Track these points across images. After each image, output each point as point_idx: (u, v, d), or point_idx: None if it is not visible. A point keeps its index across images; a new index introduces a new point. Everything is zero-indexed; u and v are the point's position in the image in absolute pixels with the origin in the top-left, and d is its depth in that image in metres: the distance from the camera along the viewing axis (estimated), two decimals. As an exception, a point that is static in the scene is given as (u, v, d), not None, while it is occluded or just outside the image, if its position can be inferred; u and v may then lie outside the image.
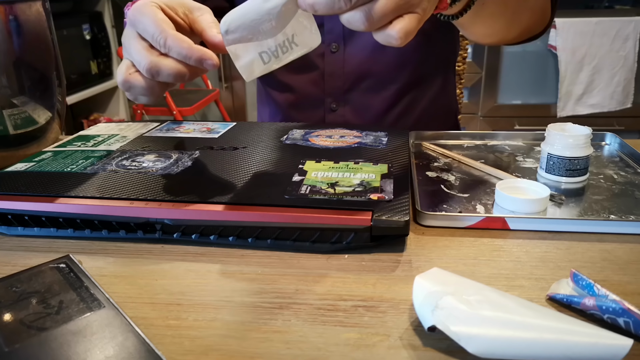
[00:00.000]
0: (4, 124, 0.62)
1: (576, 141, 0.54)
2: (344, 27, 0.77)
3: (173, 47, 0.46)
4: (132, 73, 0.48)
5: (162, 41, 0.46)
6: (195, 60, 0.46)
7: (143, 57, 0.47)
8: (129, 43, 0.49)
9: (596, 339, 0.29)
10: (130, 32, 0.49)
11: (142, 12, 0.48)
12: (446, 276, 0.35)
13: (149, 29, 0.47)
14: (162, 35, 0.46)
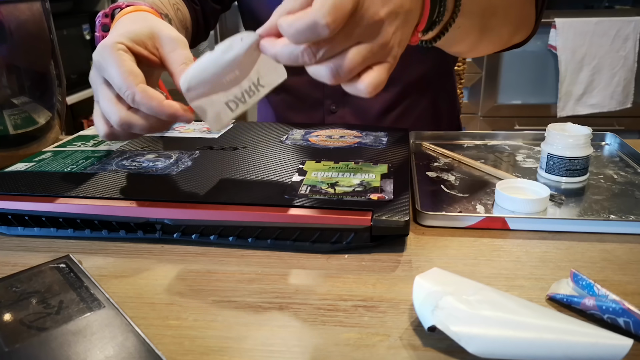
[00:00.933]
0: (4, 124, 0.62)
1: (576, 141, 0.54)
2: None
3: (142, 104, 0.44)
4: (112, 126, 0.46)
5: (130, 97, 0.44)
6: (167, 117, 0.44)
7: (113, 111, 0.45)
8: (97, 89, 0.47)
9: (596, 339, 0.29)
10: (97, 76, 0.47)
11: (107, 58, 0.45)
12: (446, 276, 0.35)
13: (116, 80, 0.44)
14: (129, 90, 0.44)
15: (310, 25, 0.36)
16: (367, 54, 0.39)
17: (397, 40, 0.40)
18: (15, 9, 0.61)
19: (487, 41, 0.58)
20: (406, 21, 0.41)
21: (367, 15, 0.38)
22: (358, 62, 0.38)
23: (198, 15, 0.78)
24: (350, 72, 0.38)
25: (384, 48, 0.39)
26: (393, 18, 0.40)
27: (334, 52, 0.38)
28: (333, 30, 0.36)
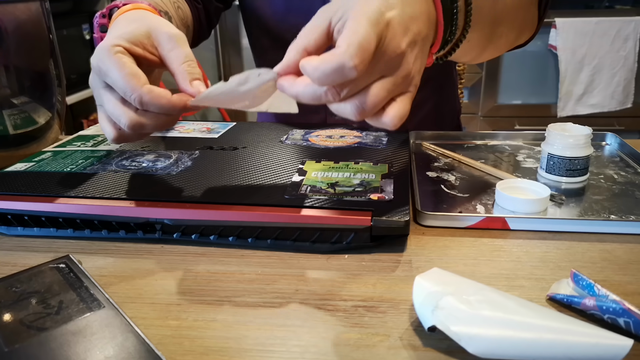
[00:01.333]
0: (4, 124, 0.62)
1: (576, 141, 0.54)
2: None
3: (151, 105, 0.43)
4: (120, 129, 0.45)
5: (137, 100, 0.43)
6: (179, 111, 0.44)
7: (121, 114, 0.44)
8: (100, 93, 0.46)
9: (596, 339, 0.29)
10: (97, 80, 0.46)
11: (107, 62, 0.44)
12: (446, 276, 0.35)
13: (119, 84, 0.44)
14: (135, 93, 0.43)
15: (337, 68, 0.36)
16: (391, 87, 0.39)
17: (418, 68, 0.41)
18: (15, 9, 0.61)
19: (493, 48, 0.59)
20: (424, 47, 0.41)
21: (390, 50, 0.38)
22: (382, 97, 0.38)
23: (200, 13, 0.78)
24: (374, 107, 0.38)
25: (406, 79, 0.39)
26: (412, 47, 0.40)
27: (357, 89, 0.38)
28: (360, 71, 0.36)
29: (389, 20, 0.38)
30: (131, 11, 0.53)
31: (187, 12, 0.73)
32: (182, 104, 0.44)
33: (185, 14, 0.72)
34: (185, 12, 0.72)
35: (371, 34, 0.36)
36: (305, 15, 0.79)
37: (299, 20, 0.77)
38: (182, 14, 0.71)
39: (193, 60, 0.47)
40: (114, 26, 0.51)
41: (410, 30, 0.39)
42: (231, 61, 2.71)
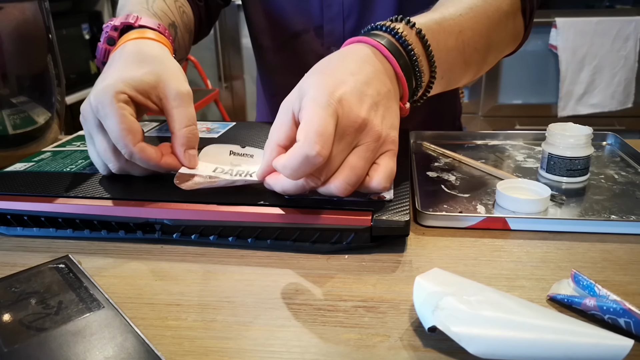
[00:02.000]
0: (3, 124, 0.62)
1: (577, 141, 0.54)
2: (344, 30, 0.77)
3: (140, 162, 0.46)
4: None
5: (127, 155, 0.45)
6: (165, 170, 0.47)
7: (111, 161, 0.47)
8: (92, 132, 0.47)
9: (597, 340, 0.29)
10: (93, 117, 0.46)
11: (107, 108, 0.44)
12: (447, 277, 0.35)
13: (114, 135, 0.45)
14: (127, 149, 0.45)
15: (302, 161, 0.38)
16: (366, 155, 0.41)
17: (388, 125, 0.42)
18: (15, 9, 0.61)
19: (474, 72, 0.58)
20: (388, 103, 0.43)
21: (350, 123, 0.40)
22: (361, 166, 0.40)
23: (201, 11, 0.78)
24: (358, 178, 0.40)
25: (379, 141, 0.41)
26: (374, 110, 0.41)
27: (334, 168, 0.40)
28: (325, 155, 0.38)
29: (340, 97, 0.40)
30: (143, 41, 0.53)
31: (190, 15, 0.73)
32: (170, 167, 0.47)
33: (190, 18, 0.72)
34: (190, 17, 0.73)
35: (325, 118, 0.38)
36: (304, 15, 0.80)
37: (297, 20, 0.78)
38: (187, 19, 0.71)
39: (195, 124, 0.48)
40: (122, 59, 0.50)
41: (366, 95, 0.41)
42: (231, 61, 2.71)
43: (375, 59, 0.44)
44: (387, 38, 0.46)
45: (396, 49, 0.45)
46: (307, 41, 0.78)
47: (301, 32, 0.78)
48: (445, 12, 0.52)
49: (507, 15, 0.58)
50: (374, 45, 0.45)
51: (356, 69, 0.43)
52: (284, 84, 0.89)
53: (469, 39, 0.53)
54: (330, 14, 0.76)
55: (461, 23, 0.52)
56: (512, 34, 0.61)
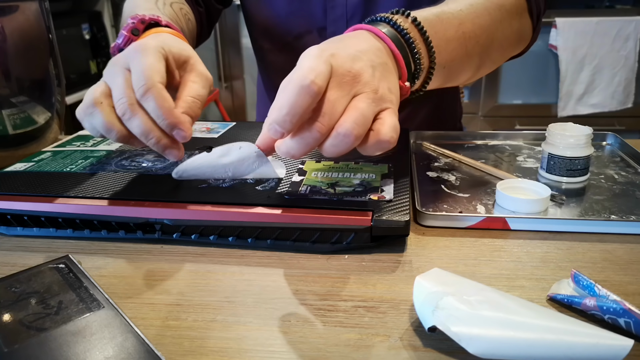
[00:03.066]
0: (3, 124, 0.62)
1: (577, 141, 0.54)
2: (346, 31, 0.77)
3: (154, 104, 0.43)
4: (102, 102, 0.45)
5: (144, 90, 0.43)
6: (167, 124, 0.44)
7: (123, 94, 0.44)
8: (115, 71, 0.46)
9: (597, 340, 0.29)
10: (122, 62, 0.46)
11: (146, 51, 0.45)
12: (447, 276, 0.35)
13: (139, 67, 0.44)
14: (147, 84, 0.43)
15: (298, 90, 0.37)
16: (367, 100, 0.40)
17: (386, 87, 0.42)
18: (15, 9, 0.61)
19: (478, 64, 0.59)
20: (384, 72, 0.43)
21: (344, 72, 0.40)
22: (365, 107, 0.39)
23: (202, 17, 0.79)
24: (365, 119, 0.39)
25: (377, 93, 0.40)
26: (369, 69, 0.41)
27: (338, 111, 0.39)
28: (320, 85, 0.37)
29: (333, 53, 0.40)
30: (177, 34, 0.55)
31: (194, 22, 0.74)
32: (173, 120, 0.44)
33: (193, 25, 0.74)
34: (193, 23, 0.74)
35: (317, 60, 0.38)
36: (306, 17, 0.80)
37: (299, 22, 0.78)
38: (191, 25, 0.73)
39: (202, 101, 0.48)
40: (160, 37, 0.51)
41: (359, 59, 0.41)
42: (231, 61, 2.71)
43: (372, 38, 0.45)
44: (383, 24, 0.47)
45: (391, 32, 0.46)
46: (310, 43, 0.78)
47: (304, 33, 0.78)
48: (445, 7, 0.54)
49: (510, 14, 0.59)
50: (370, 29, 0.46)
51: (352, 43, 0.43)
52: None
53: (469, 31, 0.54)
54: (334, 16, 0.76)
55: (461, 17, 0.53)
56: (517, 33, 0.62)
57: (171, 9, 0.66)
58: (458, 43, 0.53)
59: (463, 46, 0.54)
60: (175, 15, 0.66)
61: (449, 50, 0.52)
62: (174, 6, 0.68)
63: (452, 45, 0.52)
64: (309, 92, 0.37)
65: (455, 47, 0.53)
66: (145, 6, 0.63)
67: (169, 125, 0.44)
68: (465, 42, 0.54)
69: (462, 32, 0.53)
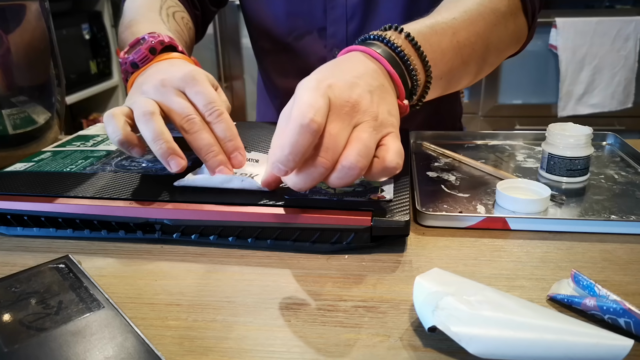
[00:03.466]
0: (3, 123, 0.62)
1: (577, 141, 0.54)
2: (346, 31, 0.77)
3: (222, 123, 0.48)
4: (156, 113, 0.47)
5: (215, 112, 0.48)
6: (232, 145, 0.48)
7: (192, 112, 0.48)
8: (168, 92, 0.49)
9: (597, 340, 0.29)
10: (173, 85, 0.49)
11: (200, 81, 0.50)
12: (447, 276, 0.35)
13: (205, 95, 0.49)
14: (219, 109, 0.48)
15: (297, 130, 0.38)
16: (369, 129, 0.40)
17: (385, 110, 0.42)
18: (15, 9, 0.61)
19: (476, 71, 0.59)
20: (382, 94, 0.43)
21: (342, 103, 0.40)
22: (367, 137, 0.40)
23: (198, 19, 0.80)
24: (368, 149, 0.39)
25: (377, 119, 0.41)
26: (367, 95, 0.42)
27: (340, 144, 0.39)
28: (319, 123, 0.38)
29: (330, 84, 0.41)
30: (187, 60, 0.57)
31: (193, 29, 0.76)
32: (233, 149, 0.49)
33: (193, 32, 0.75)
34: (193, 30, 0.75)
35: (315, 95, 0.39)
36: (306, 17, 0.80)
37: (299, 23, 0.78)
38: (192, 33, 0.73)
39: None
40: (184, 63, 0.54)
41: (356, 85, 0.42)
42: (231, 61, 2.71)
43: (367, 60, 0.46)
44: (377, 44, 0.47)
45: (386, 51, 0.47)
46: (310, 43, 0.78)
47: (304, 34, 0.78)
48: (438, 17, 0.53)
49: (505, 17, 0.58)
50: (365, 50, 0.47)
51: (348, 67, 0.44)
52: (287, 86, 0.89)
53: (464, 39, 0.54)
54: (334, 16, 0.76)
55: (455, 25, 0.53)
56: (513, 34, 0.61)
57: (174, 21, 0.67)
58: (454, 53, 0.53)
59: (459, 55, 0.53)
60: (179, 28, 0.68)
61: (445, 61, 0.52)
62: (177, 16, 0.69)
63: (448, 55, 0.52)
64: (309, 130, 0.37)
65: (451, 57, 0.53)
66: (150, 16, 0.64)
67: (233, 146, 0.48)
68: (461, 51, 0.53)
69: (457, 42, 0.53)
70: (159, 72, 0.52)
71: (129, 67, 0.55)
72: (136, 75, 0.55)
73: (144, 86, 0.51)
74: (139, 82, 0.53)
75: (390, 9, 0.74)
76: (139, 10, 0.66)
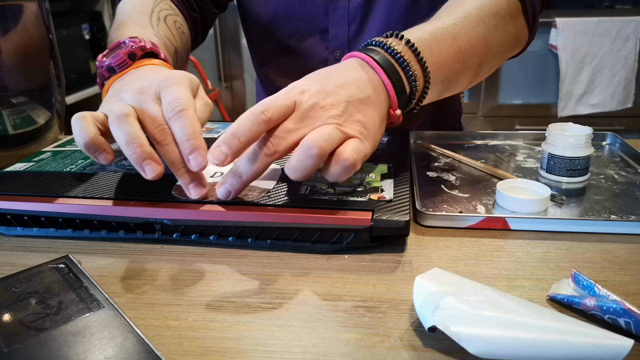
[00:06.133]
0: (4, 123, 0.62)
1: (577, 141, 0.54)
2: (348, 33, 0.77)
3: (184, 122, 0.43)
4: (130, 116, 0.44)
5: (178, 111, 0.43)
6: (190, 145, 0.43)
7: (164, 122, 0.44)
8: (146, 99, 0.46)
9: (597, 340, 0.29)
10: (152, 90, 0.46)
11: (175, 83, 0.46)
12: (447, 276, 0.35)
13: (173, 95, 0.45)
14: (180, 107, 0.44)
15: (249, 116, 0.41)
16: (330, 127, 0.41)
17: (356, 120, 0.43)
18: (15, 9, 0.61)
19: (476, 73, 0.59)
20: (362, 106, 0.44)
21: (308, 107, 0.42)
22: (329, 129, 0.41)
23: (197, 23, 0.78)
24: (330, 136, 0.41)
25: (341, 126, 0.42)
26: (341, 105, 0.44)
27: (291, 138, 0.41)
28: (268, 116, 0.41)
29: (304, 89, 0.44)
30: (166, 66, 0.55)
31: (188, 35, 0.73)
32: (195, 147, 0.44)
33: (187, 37, 0.73)
34: (187, 36, 0.73)
35: (280, 96, 0.43)
36: (307, 19, 0.80)
37: (301, 25, 0.78)
38: (185, 39, 0.72)
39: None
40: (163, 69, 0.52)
41: (333, 94, 0.44)
42: (231, 61, 2.71)
43: (360, 69, 0.47)
44: (377, 50, 0.48)
45: (384, 58, 0.47)
46: (312, 45, 0.78)
47: (306, 35, 0.78)
48: (438, 22, 0.54)
49: (504, 20, 0.59)
50: (362, 57, 0.47)
51: (337, 75, 0.46)
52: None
53: (465, 44, 0.54)
54: (335, 18, 0.76)
55: (455, 31, 0.54)
56: (514, 36, 0.62)
57: (165, 25, 0.65)
58: (455, 57, 0.53)
59: (460, 59, 0.54)
60: (170, 33, 0.65)
61: (446, 66, 0.52)
62: (168, 20, 0.67)
63: (449, 60, 0.53)
64: (257, 118, 0.41)
65: (452, 62, 0.53)
66: (139, 20, 0.63)
67: (190, 145, 0.43)
68: (462, 55, 0.54)
69: (457, 46, 0.53)
70: (138, 79, 0.49)
71: (105, 72, 0.53)
72: (113, 80, 0.52)
73: (122, 94, 0.48)
74: (116, 89, 0.50)
75: (391, 11, 0.74)
76: (130, 12, 0.64)
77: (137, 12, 0.65)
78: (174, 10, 0.71)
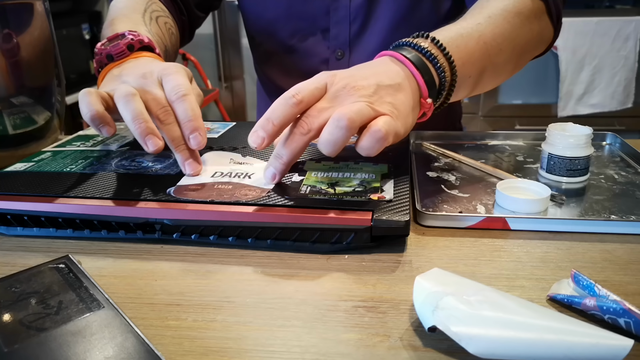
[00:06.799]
0: (3, 123, 0.62)
1: (577, 141, 0.54)
2: (349, 33, 0.77)
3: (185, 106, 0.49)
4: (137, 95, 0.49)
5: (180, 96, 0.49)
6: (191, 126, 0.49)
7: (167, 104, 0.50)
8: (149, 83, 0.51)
9: (597, 340, 0.29)
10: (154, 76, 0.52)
11: (176, 72, 0.51)
12: (447, 276, 0.35)
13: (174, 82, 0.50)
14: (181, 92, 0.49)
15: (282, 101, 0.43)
16: (362, 103, 0.43)
17: (387, 102, 0.45)
18: (15, 9, 0.61)
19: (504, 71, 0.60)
20: (393, 90, 0.46)
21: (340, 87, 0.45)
22: (362, 104, 0.43)
23: (185, 25, 0.80)
24: (360, 110, 0.42)
25: (373, 104, 0.44)
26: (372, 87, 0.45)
27: (323, 115, 0.43)
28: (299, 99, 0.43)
29: (335, 73, 0.46)
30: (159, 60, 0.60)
31: (177, 34, 0.76)
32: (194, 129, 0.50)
33: (176, 37, 0.76)
34: (176, 36, 0.76)
35: (309, 81, 0.45)
36: (309, 19, 0.80)
37: (302, 24, 0.78)
38: (174, 39, 0.74)
39: None
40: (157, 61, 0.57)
41: (365, 78, 0.46)
42: (231, 61, 2.71)
43: (392, 63, 0.49)
44: (405, 48, 0.50)
45: (413, 54, 0.49)
46: (313, 44, 0.78)
47: (307, 35, 0.78)
48: (463, 23, 0.56)
49: (529, 19, 0.60)
50: (393, 55, 0.50)
51: (369, 67, 0.48)
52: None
53: (491, 41, 0.55)
54: (337, 17, 0.76)
55: (480, 29, 0.55)
56: (538, 35, 0.63)
57: (157, 25, 0.69)
58: (481, 53, 0.55)
59: (486, 56, 0.55)
60: (161, 32, 0.69)
61: (472, 62, 0.54)
62: (159, 21, 0.70)
63: (475, 56, 0.54)
64: (289, 101, 0.43)
65: (478, 57, 0.54)
66: (132, 17, 0.66)
67: (192, 126, 0.49)
68: (488, 51, 0.55)
69: (483, 43, 0.55)
70: (138, 66, 0.54)
71: (104, 59, 0.57)
72: (111, 67, 0.57)
73: (124, 77, 0.53)
74: (115, 74, 0.55)
75: (393, 10, 0.75)
76: (123, 10, 0.68)
77: (131, 10, 0.68)
78: (165, 12, 0.74)
